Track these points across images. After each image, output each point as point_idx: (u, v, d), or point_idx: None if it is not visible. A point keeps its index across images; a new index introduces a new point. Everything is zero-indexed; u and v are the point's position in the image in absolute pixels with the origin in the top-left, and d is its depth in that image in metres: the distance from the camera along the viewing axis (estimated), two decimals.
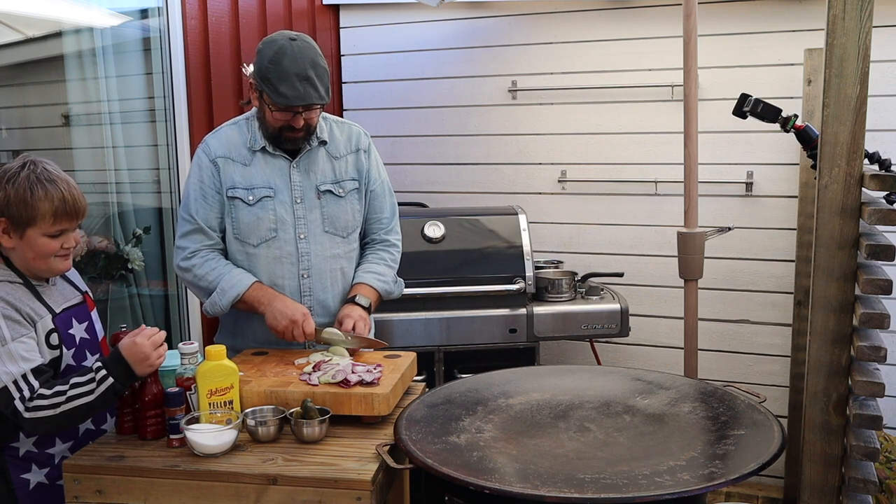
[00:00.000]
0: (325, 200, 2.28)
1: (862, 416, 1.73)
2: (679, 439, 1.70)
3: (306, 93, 2.09)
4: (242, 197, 2.22)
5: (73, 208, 1.76)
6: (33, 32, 2.78)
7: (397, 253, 2.44)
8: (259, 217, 2.22)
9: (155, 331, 1.77)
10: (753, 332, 3.58)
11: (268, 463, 1.68)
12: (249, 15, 3.33)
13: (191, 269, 2.21)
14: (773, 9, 3.37)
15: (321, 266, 2.28)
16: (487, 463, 1.59)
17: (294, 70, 2.07)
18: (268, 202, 2.23)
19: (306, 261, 2.26)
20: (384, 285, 2.35)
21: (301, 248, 2.25)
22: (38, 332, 1.76)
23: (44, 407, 1.66)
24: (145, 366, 1.74)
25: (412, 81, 3.95)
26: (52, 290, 1.85)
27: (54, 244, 1.76)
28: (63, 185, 1.75)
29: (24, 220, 1.72)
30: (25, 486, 1.79)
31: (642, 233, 3.69)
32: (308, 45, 2.13)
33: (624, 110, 3.65)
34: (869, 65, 1.69)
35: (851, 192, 1.74)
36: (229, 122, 2.33)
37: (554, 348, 3.78)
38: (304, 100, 2.09)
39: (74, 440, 1.86)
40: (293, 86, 2.07)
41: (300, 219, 2.25)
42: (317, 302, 2.28)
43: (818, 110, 2.22)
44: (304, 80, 2.08)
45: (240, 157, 2.24)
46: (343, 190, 2.30)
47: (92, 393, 1.69)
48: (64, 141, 2.90)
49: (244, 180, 2.23)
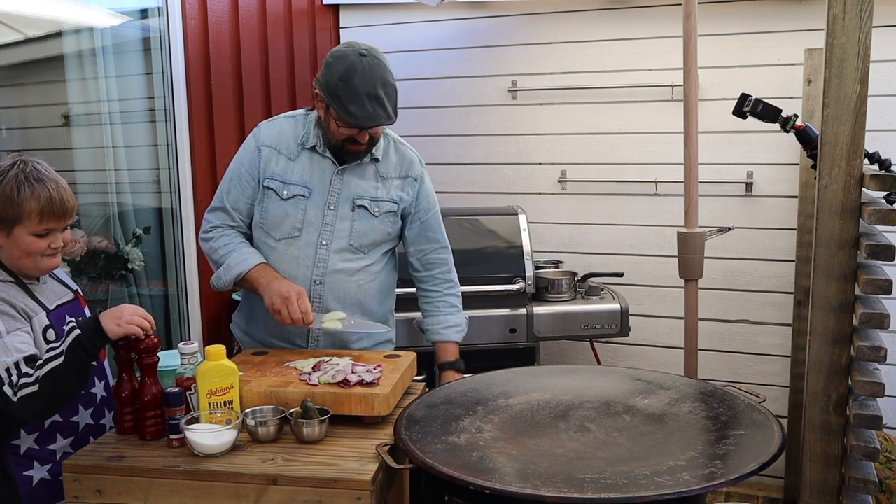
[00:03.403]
0: (357, 214, 2.24)
1: (862, 416, 1.73)
2: (679, 439, 1.70)
3: (375, 113, 2.07)
4: (277, 189, 2.21)
5: (60, 208, 1.76)
6: (33, 32, 2.78)
7: (458, 290, 2.47)
8: (288, 213, 2.21)
9: (145, 312, 1.78)
10: (753, 332, 3.58)
11: (268, 463, 1.68)
12: (249, 15, 3.33)
13: (208, 240, 2.27)
14: (773, 9, 3.37)
15: (336, 277, 2.23)
16: (487, 463, 1.59)
17: (364, 89, 2.04)
18: (300, 201, 2.21)
19: (322, 268, 2.22)
20: (460, 334, 2.41)
21: (320, 254, 2.22)
22: (35, 328, 1.76)
23: (28, 384, 1.65)
24: (115, 323, 1.71)
25: (412, 81, 3.95)
26: (44, 288, 1.86)
27: (41, 243, 1.76)
28: (51, 185, 1.75)
29: (11, 218, 1.72)
30: (28, 483, 1.79)
31: (642, 233, 3.70)
32: (378, 63, 2.09)
33: (624, 110, 3.65)
34: (869, 65, 1.69)
35: (851, 192, 1.74)
36: (287, 113, 2.33)
37: (554, 348, 3.78)
38: (373, 120, 2.08)
39: (75, 436, 1.86)
40: (363, 106, 2.05)
41: (328, 225, 2.23)
42: (326, 311, 2.24)
43: (818, 110, 2.22)
44: (373, 99, 2.05)
45: (287, 151, 2.24)
46: (379, 209, 2.26)
47: (61, 354, 1.66)
48: (64, 141, 2.90)
49: (284, 174, 2.22)
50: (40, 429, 1.81)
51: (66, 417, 1.85)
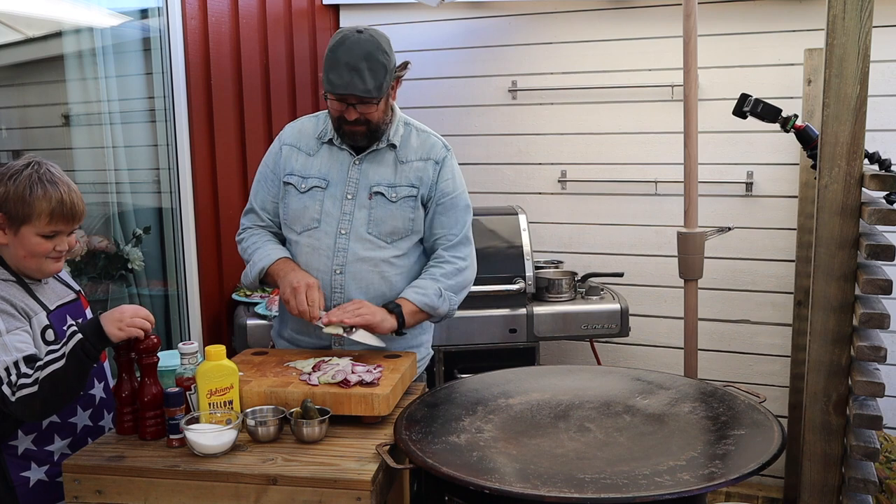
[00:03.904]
0: (375, 202, 2.21)
1: (862, 416, 1.73)
2: (679, 439, 1.70)
3: (352, 82, 2.04)
4: (296, 184, 2.23)
5: (70, 211, 1.77)
6: (33, 32, 2.78)
7: (452, 269, 2.24)
8: (306, 206, 2.22)
9: (146, 311, 1.78)
10: (753, 332, 3.58)
11: (268, 463, 1.68)
12: (249, 15, 3.33)
13: (240, 242, 2.34)
14: (773, 9, 3.37)
15: (357, 266, 2.21)
16: (487, 463, 1.59)
17: (346, 59, 2.04)
18: (317, 192, 2.22)
19: (342, 257, 2.21)
20: (423, 298, 2.18)
21: (339, 243, 2.21)
22: (34, 327, 1.77)
23: (26, 385, 1.65)
24: (116, 326, 1.71)
25: (412, 81, 3.94)
26: (45, 288, 1.86)
27: (47, 245, 1.77)
28: (63, 188, 1.77)
29: (20, 217, 1.73)
30: (25, 484, 1.79)
31: (642, 233, 3.69)
32: (371, 40, 2.07)
33: (624, 110, 3.65)
34: (869, 65, 1.69)
35: (851, 192, 1.74)
36: (312, 114, 2.36)
37: (554, 348, 3.78)
38: (346, 88, 2.05)
39: (73, 437, 1.86)
40: (340, 74, 2.04)
41: (346, 215, 2.22)
42: (349, 301, 2.18)
43: (818, 110, 2.22)
44: (353, 70, 2.04)
45: (306, 147, 2.26)
46: (396, 195, 2.21)
47: (63, 357, 1.67)
48: (64, 141, 2.89)
49: (303, 169, 2.24)
50: (38, 430, 1.80)
51: (65, 418, 1.85)
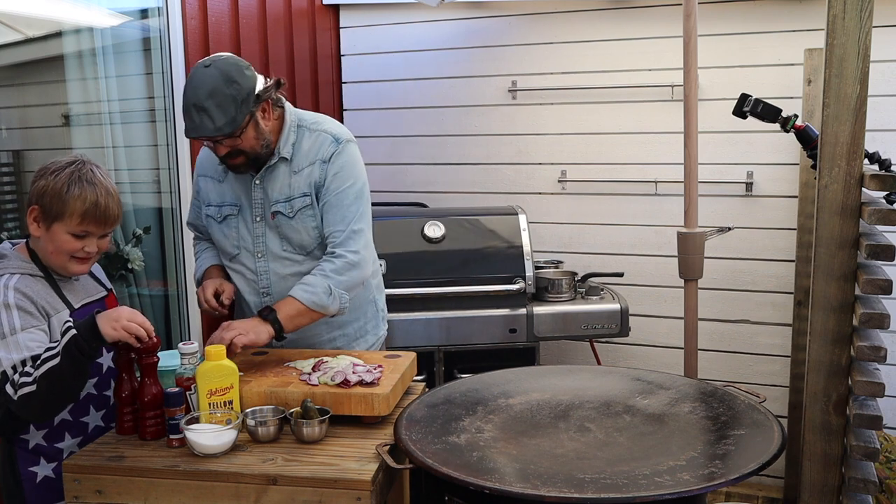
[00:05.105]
0: (278, 220, 2.20)
1: (862, 416, 1.73)
2: (679, 439, 1.70)
3: (201, 124, 1.98)
4: (213, 215, 2.28)
5: (102, 214, 1.78)
6: (33, 32, 2.78)
7: (342, 263, 2.12)
8: (225, 234, 2.27)
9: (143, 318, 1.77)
10: (753, 332, 3.58)
11: (268, 463, 1.69)
12: (249, 15, 3.33)
13: (194, 247, 2.50)
14: (773, 9, 3.37)
15: (281, 285, 2.22)
16: (487, 463, 1.59)
17: (193, 100, 1.98)
18: (232, 220, 2.25)
19: (265, 279, 2.25)
20: (311, 297, 2.08)
21: (259, 266, 2.25)
22: (53, 326, 1.77)
23: (27, 384, 1.65)
24: (111, 325, 1.69)
25: (412, 81, 3.95)
26: (75, 285, 1.87)
27: (76, 244, 1.78)
28: (101, 190, 1.77)
29: (54, 213, 1.75)
30: (32, 479, 1.79)
31: (642, 233, 3.69)
32: (216, 73, 1.98)
33: (624, 110, 3.65)
34: (869, 65, 1.69)
35: (851, 192, 1.74)
36: None
37: (554, 348, 3.78)
38: (197, 132, 2.00)
39: (84, 436, 1.87)
40: (190, 117, 2.00)
41: (258, 237, 2.23)
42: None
43: (818, 110, 2.22)
44: (200, 111, 1.98)
45: (215, 174, 2.28)
46: (292, 209, 2.18)
47: (58, 354, 1.66)
48: (64, 141, 2.89)
49: (218, 197, 2.27)
50: (49, 425, 1.81)
51: (76, 417, 1.85)
